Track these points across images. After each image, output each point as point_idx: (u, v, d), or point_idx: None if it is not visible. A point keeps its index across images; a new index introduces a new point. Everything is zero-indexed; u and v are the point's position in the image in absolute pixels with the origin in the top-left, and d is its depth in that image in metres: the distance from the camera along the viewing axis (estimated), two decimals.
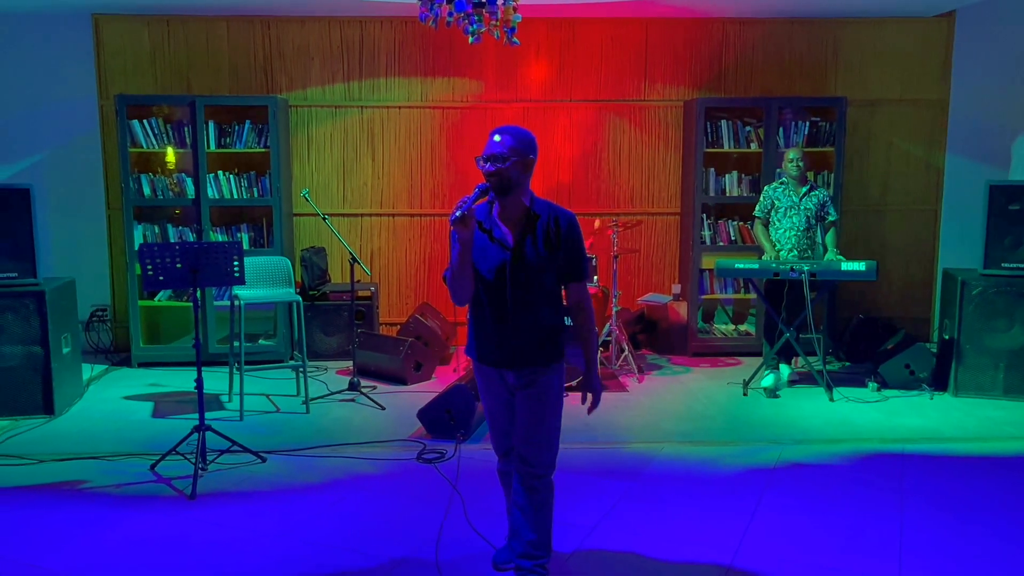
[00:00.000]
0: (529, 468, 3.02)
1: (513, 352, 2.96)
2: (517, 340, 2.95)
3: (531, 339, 2.95)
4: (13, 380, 5.06)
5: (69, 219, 6.72)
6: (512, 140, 2.89)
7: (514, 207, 2.94)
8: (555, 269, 2.96)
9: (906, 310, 7.13)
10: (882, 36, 6.93)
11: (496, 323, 2.96)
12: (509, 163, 2.86)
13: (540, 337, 2.97)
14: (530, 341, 2.95)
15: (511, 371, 3.00)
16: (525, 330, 2.94)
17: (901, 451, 4.56)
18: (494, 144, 2.89)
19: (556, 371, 3.03)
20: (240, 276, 4.28)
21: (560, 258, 2.94)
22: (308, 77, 6.79)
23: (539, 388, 2.98)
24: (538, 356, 2.97)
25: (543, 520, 3.06)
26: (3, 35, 6.55)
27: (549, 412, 3.02)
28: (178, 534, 3.56)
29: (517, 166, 2.88)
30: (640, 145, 7.02)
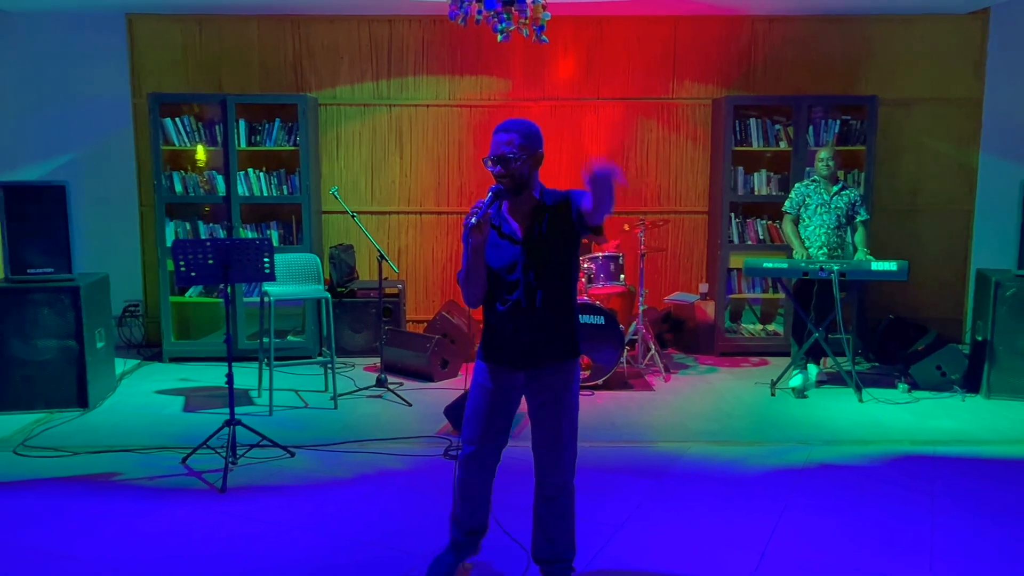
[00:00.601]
0: (549, 478, 2.97)
1: (526, 349, 2.88)
2: (531, 336, 2.86)
3: (545, 335, 2.87)
4: (49, 373, 5.15)
5: (103, 215, 6.83)
6: (520, 138, 2.79)
7: (525, 201, 2.86)
8: (569, 252, 2.86)
9: (937, 311, 7.04)
10: (914, 34, 6.85)
11: (510, 320, 2.88)
12: (520, 162, 2.79)
13: (554, 333, 2.88)
14: (544, 337, 2.87)
15: (523, 372, 2.92)
16: (539, 326, 2.86)
17: (932, 453, 4.51)
18: (502, 145, 2.79)
19: (570, 371, 2.94)
20: (271, 273, 4.32)
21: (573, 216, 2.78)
22: (337, 76, 6.84)
23: (555, 392, 2.91)
24: (552, 352, 2.89)
25: (567, 525, 3.04)
26: (40, 35, 6.67)
27: (566, 417, 2.94)
28: (209, 526, 3.61)
29: (527, 163, 2.81)
30: (668, 144, 6.99)
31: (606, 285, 5.91)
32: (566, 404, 2.93)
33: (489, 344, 2.96)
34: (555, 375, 2.91)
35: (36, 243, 5.14)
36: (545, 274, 2.85)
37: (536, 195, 2.86)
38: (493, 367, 2.95)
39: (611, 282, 5.92)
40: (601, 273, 5.90)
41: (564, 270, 2.88)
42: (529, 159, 2.80)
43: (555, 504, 3.00)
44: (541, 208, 2.84)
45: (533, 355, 2.89)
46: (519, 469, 4.26)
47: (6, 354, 5.08)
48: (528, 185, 2.84)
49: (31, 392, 5.14)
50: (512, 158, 2.77)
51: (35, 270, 5.15)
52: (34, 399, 5.14)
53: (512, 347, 2.90)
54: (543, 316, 2.86)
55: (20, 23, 6.66)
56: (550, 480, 2.98)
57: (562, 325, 2.90)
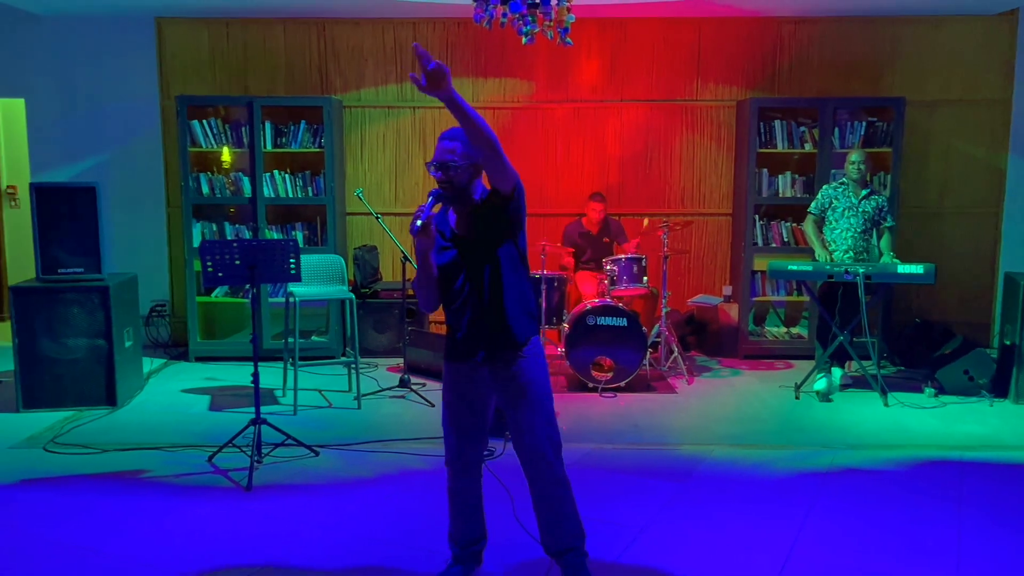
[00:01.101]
0: (537, 469, 2.96)
1: (483, 341, 2.89)
2: (485, 328, 2.88)
3: (498, 323, 2.87)
4: (78, 372, 5.23)
5: (131, 216, 6.93)
6: (462, 146, 2.79)
7: (467, 206, 2.88)
8: (506, 241, 2.87)
9: (965, 315, 6.96)
10: (942, 35, 6.78)
11: (462, 317, 2.90)
12: (460, 170, 2.80)
13: (507, 320, 2.87)
14: (497, 326, 2.88)
15: (486, 366, 2.92)
16: (492, 315, 2.87)
17: (959, 458, 4.46)
18: (445, 152, 2.80)
19: (532, 353, 2.92)
20: (296, 273, 4.36)
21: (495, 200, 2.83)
22: (362, 78, 6.89)
23: (522, 378, 2.90)
24: (509, 338, 2.89)
25: (567, 511, 3.03)
26: (71, 38, 6.78)
27: (537, 408, 2.92)
28: (234, 524, 3.65)
29: (468, 171, 2.81)
30: (692, 145, 6.97)
31: (629, 287, 5.91)
32: (532, 395, 2.91)
33: (449, 344, 3.00)
34: (518, 361, 2.90)
35: (67, 243, 5.22)
36: (486, 270, 2.87)
37: (476, 198, 2.88)
38: (458, 366, 2.98)
39: (634, 284, 5.91)
40: (624, 275, 5.89)
41: (507, 262, 2.89)
42: (470, 167, 2.81)
43: (549, 499, 3.00)
44: (477, 208, 2.87)
45: (491, 345, 2.90)
46: None
47: (37, 352, 5.16)
48: (469, 192, 2.86)
49: (61, 390, 5.21)
50: (452, 165, 2.79)
51: (66, 270, 5.23)
52: (64, 397, 5.22)
53: (470, 341, 2.91)
54: (492, 311, 2.87)
55: (52, 27, 6.78)
56: (538, 475, 2.97)
57: (514, 315, 2.90)
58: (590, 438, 4.76)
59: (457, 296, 2.91)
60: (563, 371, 5.96)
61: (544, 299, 5.90)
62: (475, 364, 2.93)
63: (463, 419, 3.01)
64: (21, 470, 4.25)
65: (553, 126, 6.95)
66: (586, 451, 4.55)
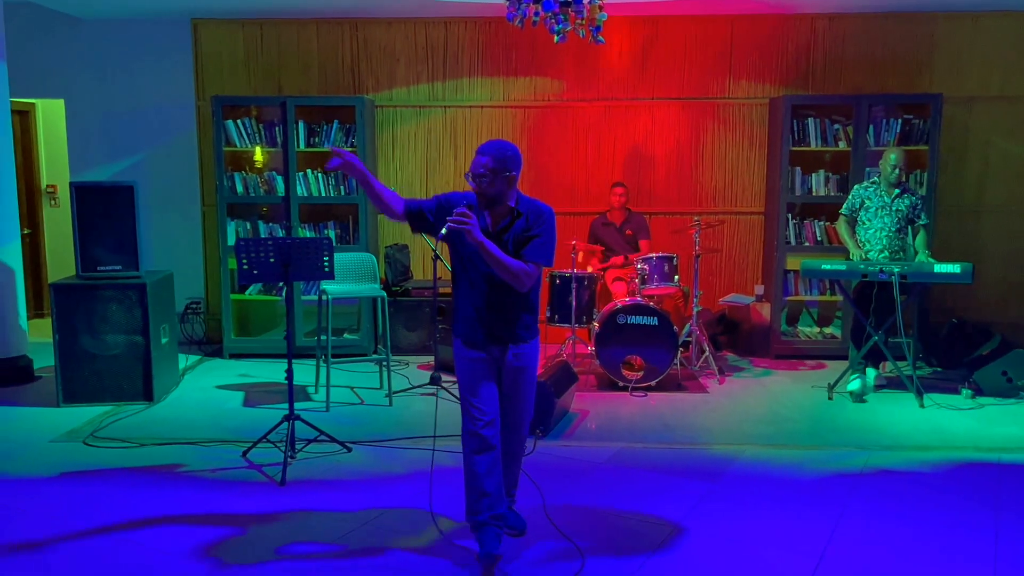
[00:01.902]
0: (519, 434, 3.43)
1: (493, 329, 3.28)
2: (495, 319, 3.27)
3: (507, 318, 3.28)
4: (117, 368, 5.33)
5: (167, 215, 7.04)
6: (492, 162, 3.16)
7: (502, 209, 3.26)
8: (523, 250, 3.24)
9: (1003, 315, 6.84)
10: (980, 30, 6.67)
11: (477, 305, 3.28)
12: (490, 180, 3.17)
13: (516, 317, 3.29)
14: (506, 319, 3.28)
15: (496, 346, 3.31)
16: (507, 309, 3.27)
17: (997, 460, 4.39)
18: (478, 164, 3.18)
19: (535, 343, 3.39)
20: (330, 271, 4.40)
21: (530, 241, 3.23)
22: (394, 78, 6.94)
23: (520, 362, 3.33)
24: (514, 332, 3.29)
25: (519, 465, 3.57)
26: (110, 41, 6.91)
27: (531, 380, 3.40)
28: (268, 518, 3.69)
29: (499, 182, 3.18)
30: (724, 143, 6.93)
31: (660, 286, 5.89)
32: (529, 377, 3.37)
33: (465, 326, 3.34)
34: (516, 352, 3.31)
35: (106, 241, 5.32)
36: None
37: (512, 204, 3.25)
38: (468, 345, 3.34)
39: (665, 283, 5.89)
40: (655, 274, 5.87)
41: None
42: (501, 179, 3.18)
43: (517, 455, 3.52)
44: (516, 215, 3.25)
45: (495, 337, 3.29)
46: (573, 469, 4.28)
47: (77, 349, 5.27)
48: (502, 199, 3.23)
49: (100, 385, 5.32)
50: (485, 177, 3.18)
51: (104, 267, 5.33)
52: (103, 392, 5.32)
53: (476, 329, 3.30)
54: (503, 306, 3.27)
55: (91, 29, 6.91)
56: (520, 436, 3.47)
57: (519, 314, 3.30)
58: (620, 437, 4.76)
59: (476, 285, 3.27)
60: (593, 370, 5.95)
61: (574, 298, 5.90)
62: (483, 345, 3.31)
63: (485, 390, 3.31)
64: (61, 463, 4.35)
65: (584, 125, 6.94)
66: (616, 450, 4.54)
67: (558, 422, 4.96)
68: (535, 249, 3.21)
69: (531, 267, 3.19)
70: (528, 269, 3.18)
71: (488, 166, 3.15)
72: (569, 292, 5.93)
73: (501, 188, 3.19)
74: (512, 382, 3.35)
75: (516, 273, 3.15)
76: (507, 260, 3.13)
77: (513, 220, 3.23)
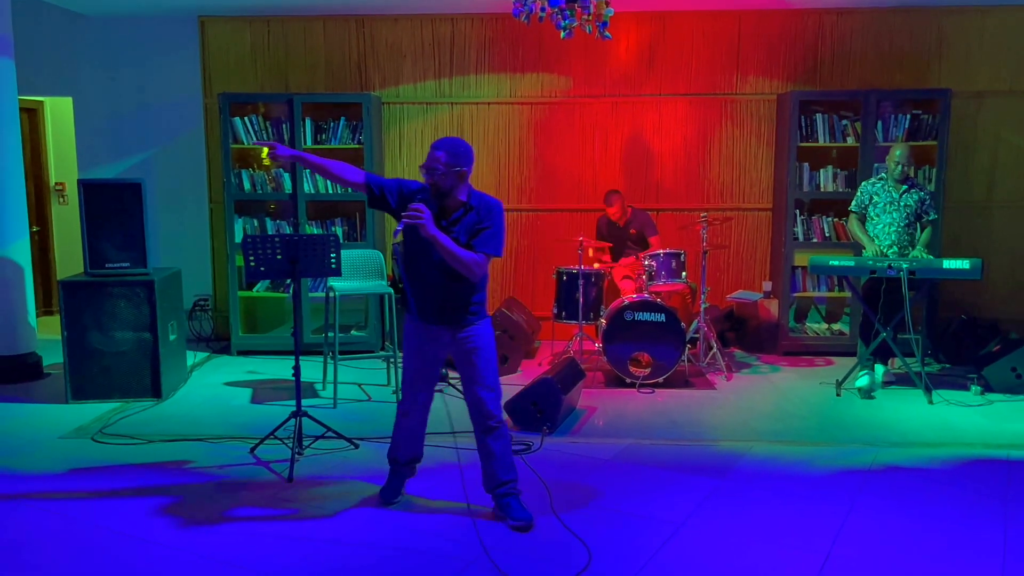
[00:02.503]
0: (487, 417, 3.56)
1: (441, 313, 3.52)
2: (443, 303, 3.51)
3: (453, 303, 3.50)
4: (125, 364, 5.35)
5: (175, 212, 7.06)
6: (446, 156, 3.39)
7: (452, 202, 3.47)
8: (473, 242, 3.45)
9: (1013, 311, 6.81)
10: (989, 24, 6.64)
11: (425, 289, 3.53)
12: (443, 174, 3.39)
13: (466, 301, 3.51)
14: (453, 304, 3.51)
15: (445, 327, 3.54)
16: (454, 295, 3.49)
17: (1006, 457, 4.37)
18: (432, 159, 3.40)
19: (484, 324, 3.59)
20: (337, 268, 4.40)
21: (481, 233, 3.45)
22: (400, 74, 6.94)
23: (470, 344, 3.54)
24: (460, 316, 3.52)
25: (509, 455, 3.64)
26: (117, 38, 6.93)
27: (486, 356, 3.56)
28: (276, 514, 3.70)
29: (451, 177, 3.41)
30: (731, 139, 6.91)
31: (667, 282, 5.88)
32: (479, 357, 3.54)
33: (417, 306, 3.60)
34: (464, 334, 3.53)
35: (114, 239, 5.33)
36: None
37: (463, 198, 3.47)
38: (418, 325, 3.60)
39: (672, 279, 5.88)
40: (662, 270, 5.86)
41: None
42: (452, 173, 3.40)
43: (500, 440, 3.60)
44: (467, 208, 3.47)
45: (445, 320, 3.53)
46: (580, 465, 4.27)
47: (85, 345, 5.29)
48: (453, 192, 3.44)
49: (108, 382, 5.34)
50: (436, 171, 3.40)
51: (113, 265, 5.34)
52: (111, 389, 5.34)
53: (426, 313, 3.56)
54: (449, 292, 3.49)
55: (99, 27, 6.93)
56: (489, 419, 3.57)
57: (464, 302, 3.52)
58: (627, 433, 4.76)
59: (424, 271, 3.50)
60: (600, 367, 5.95)
61: (581, 294, 5.90)
62: (439, 328, 3.55)
63: (424, 368, 3.65)
64: (70, 459, 4.37)
65: (591, 121, 6.93)
66: (624, 446, 4.54)
67: (565, 419, 4.95)
68: (485, 240, 3.43)
69: (481, 257, 3.41)
70: (478, 259, 3.41)
71: (442, 160, 3.38)
72: (576, 289, 5.93)
73: (453, 182, 3.41)
74: (466, 363, 3.56)
75: (468, 263, 3.38)
76: (459, 251, 3.37)
77: (465, 213, 3.45)
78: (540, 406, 4.75)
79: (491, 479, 3.64)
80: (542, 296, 6.98)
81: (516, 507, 3.58)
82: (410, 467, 3.88)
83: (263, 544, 3.42)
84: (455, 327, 3.54)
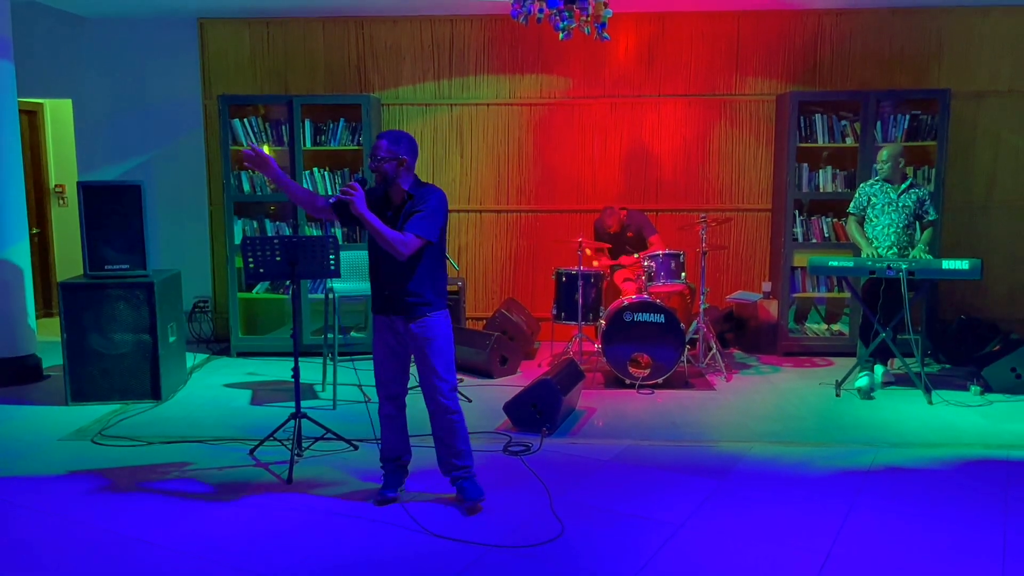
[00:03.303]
0: (442, 404, 3.69)
1: (398, 303, 3.64)
2: (400, 293, 3.62)
3: (410, 292, 3.62)
4: (124, 366, 5.35)
5: (174, 214, 7.07)
6: (387, 143, 3.58)
7: (396, 192, 3.65)
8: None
9: (1013, 312, 6.82)
10: (989, 25, 6.64)
11: (384, 281, 3.67)
12: (381, 159, 3.58)
13: (415, 291, 3.62)
14: (410, 294, 3.62)
15: (399, 317, 3.66)
16: (406, 285, 3.61)
17: (1006, 457, 4.37)
18: (377, 147, 3.59)
19: (438, 317, 3.68)
20: (336, 269, 4.40)
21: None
22: (399, 76, 6.94)
23: (428, 333, 3.65)
24: (417, 305, 3.63)
25: (463, 442, 3.77)
26: (117, 40, 6.94)
27: (439, 346, 3.66)
28: (275, 515, 3.70)
29: (392, 164, 3.58)
30: (731, 140, 6.91)
31: (666, 283, 5.88)
32: (439, 336, 3.67)
33: (376, 300, 3.75)
34: (421, 324, 3.64)
35: (113, 241, 5.34)
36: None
37: (406, 187, 3.63)
38: (381, 318, 3.73)
39: (671, 280, 5.88)
40: (661, 271, 5.86)
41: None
42: (394, 161, 3.58)
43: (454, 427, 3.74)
44: (408, 196, 3.63)
45: (402, 310, 3.65)
46: (579, 467, 4.27)
47: (86, 347, 5.29)
48: (396, 180, 3.61)
49: (108, 384, 5.34)
50: (380, 158, 3.58)
51: (112, 267, 5.35)
52: (110, 391, 5.35)
53: (387, 303, 3.69)
54: (405, 282, 3.62)
55: (98, 29, 6.93)
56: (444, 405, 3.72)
57: (421, 290, 3.63)
58: (627, 434, 4.76)
59: (381, 264, 3.65)
60: (600, 367, 5.94)
61: (580, 295, 5.90)
62: (391, 317, 3.69)
63: (387, 363, 3.78)
64: (70, 461, 4.37)
65: (590, 122, 6.93)
66: (623, 447, 4.54)
67: (565, 420, 4.95)
68: (416, 222, 3.55)
69: (408, 236, 3.51)
70: (404, 238, 3.51)
71: (383, 148, 3.57)
72: (575, 290, 5.93)
73: (394, 171, 3.58)
74: (420, 354, 3.68)
75: (392, 242, 3.50)
76: (385, 230, 3.51)
77: (405, 201, 3.62)
78: (539, 407, 4.75)
79: (446, 465, 3.81)
80: (541, 297, 6.98)
81: (469, 488, 3.76)
82: (398, 464, 3.93)
83: (262, 545, 3.42)
84: (408, 318, 3.65)
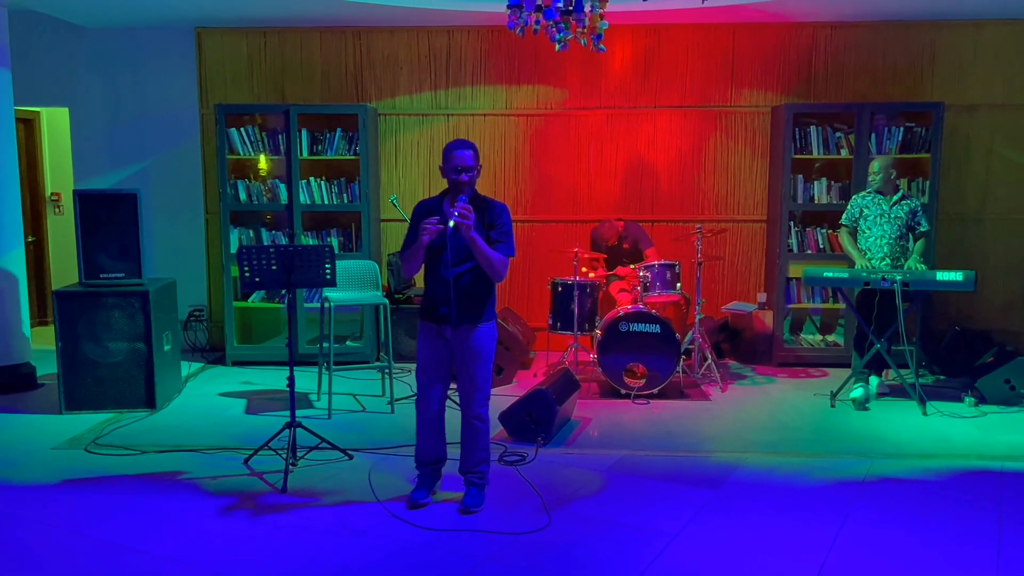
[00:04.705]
0: (475, 411, 3.79)
1: (457, 313, 3.66)
2: (459, 303, 3.65)
3: (469, 302, 3.68)
4: (119, 375, 5.34)
5: (170, 223, 7.06)
6: (474, 153, 3.68)
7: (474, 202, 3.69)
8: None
9: (1006, 323, 6.84)
10: (983, 39, 6.69)
11: (440, 287, 3.68)
12: (476, 172, 3.68)
13: (472, 300, 3.68)
14: (469, 304, 3.68)
15: (449, 326, 3.70)
16: (466, 294, 3.66)
17: (1000, 469, 4.38)
18: (466, 157, 3.64)
19: (487, 328, 3.76)
20: (332, 278, 4.41)
21: (491, 235, 3.68)
22: (396, 86, 6.96)
23: (475, 341, 3.71)
24: (474, 315, 3.70)
25: (485, 448, 3.87)
26: (114, 49, 6.95)
27: (484, 359, 3.75)
28: (270, 525, 3.69)
29: (475, 175, 3.68)
30: (726, 151, 6.94)
31: (662, 293, 5.89)
32: (482, 357, 3.75)
33: (427, 308, 3.79)
34: (474, 334, 3.71)
35: (109, 249, 5.33)
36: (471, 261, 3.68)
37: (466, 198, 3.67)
38: (431, 326, 3.77)
39: (667, 291, 5.89)
40: (657, 282, 5.87)
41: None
42: (477, 171, 3.69)
43: (480, 432, 3.83)
44: (477, 204, 3.66)
45: (459, 319, 3.68)
46: (575, 477, 4.27)
47: (80, 356, 5.28)
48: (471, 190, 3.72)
49: (102, 392, 5.32)
50: (472, 168, 3.66)
51: (107, 275, 5.34)
52: (105, 399, 5.33)
53: (442, 313, 3.70)
54: (463, 286, 3.67)
55: (96, 38, 6.94)
56: (475, 412, 3.81)
57: (479, 294, 3.71)
58: (622, 445, 4.75)
59: (443, 273, 3.66)
60: (595, 377, 5.95)
61: (576, 305, 5.91)
62: (445, 327, 3.72)
63: (432, 367, 3.81)
64: (63, 470, 4.35)
65: (586, 132, 6.96)
66: (618, 457, 4.54)
67: (560, 430, 4.95)
68: (502, 244, 3.67)
69: (505, 258, 3.66)
70: (505, 260, 3.66)
71: (471, 157, 3.65)
72: (571, 299, 5.94)
73: (473, 180, 3.67)
74: (465, 361, 3.75)
75: (497, 265, 3.61)
76: (492, 253, 3.60)
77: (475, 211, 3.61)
78: (535, 417, 4.75)
79: (465, 461, 3.90)
80: (537, 307, 6.99)
81: (474, 493, 3.84)
82: (434, 468, 3.99)
83: (257, 554, 3.41)
84: (461, 326, 3.69)
